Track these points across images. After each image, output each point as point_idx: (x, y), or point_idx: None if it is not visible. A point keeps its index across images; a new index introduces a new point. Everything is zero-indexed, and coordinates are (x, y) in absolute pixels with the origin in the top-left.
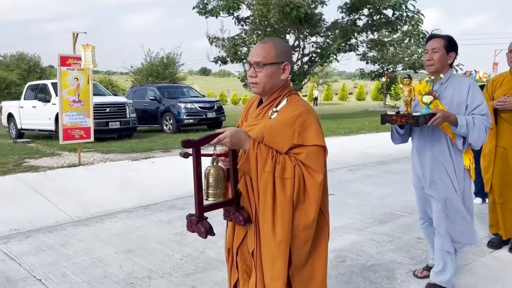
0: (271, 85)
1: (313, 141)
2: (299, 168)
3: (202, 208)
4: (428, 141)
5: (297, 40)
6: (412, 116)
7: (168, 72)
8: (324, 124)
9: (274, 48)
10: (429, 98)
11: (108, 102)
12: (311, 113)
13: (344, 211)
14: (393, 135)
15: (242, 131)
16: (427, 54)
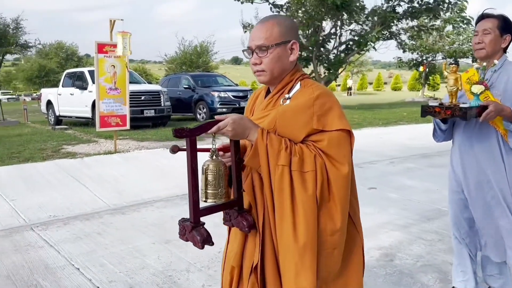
0: (280, 69)
1: (336, 125)
2: (320, 159)
3: (198, 211)
4: (474, 139)
5: (333, 27)
6: (460, 107)
7: (201, 60)
8: (360, 115)
9: (277, 26)
10: (480, 88)
11: (143, 90)
12: (331, 95)
13: (387, 206)
14: (435, 131)
15: (246, 119)
16: (477, 37)
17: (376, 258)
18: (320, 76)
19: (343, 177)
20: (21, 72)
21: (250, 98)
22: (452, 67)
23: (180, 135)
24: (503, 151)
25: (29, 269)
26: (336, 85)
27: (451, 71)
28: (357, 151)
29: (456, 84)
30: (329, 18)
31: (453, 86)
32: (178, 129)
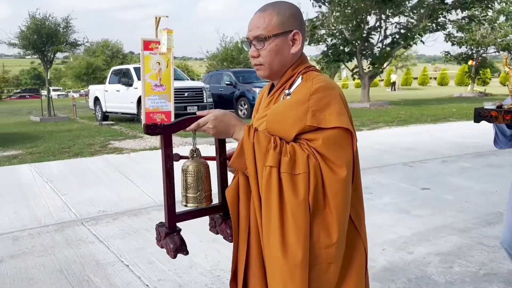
0: (280, 63)
1: (332, 122)
2: (314, 159)
3: (173, 216)
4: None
5: (378, 21)
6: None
7: (242, 56)
8: (407, 111)
9: (276, 14)
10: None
11: (187, 86)
12: (332, 89)
13: (443, 209)
14: (496, 137)
15: (230, 115)
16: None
17: (434, 265)
18: (364, 71)
19: (340, 182)
20: (70, 69)
21: (259, 94)
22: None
23: (152, 132)
24: None
25: (81, 264)
26: (379, 80)
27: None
28: (406, 149)
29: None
30: (374, 11)
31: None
32: (150, 125)
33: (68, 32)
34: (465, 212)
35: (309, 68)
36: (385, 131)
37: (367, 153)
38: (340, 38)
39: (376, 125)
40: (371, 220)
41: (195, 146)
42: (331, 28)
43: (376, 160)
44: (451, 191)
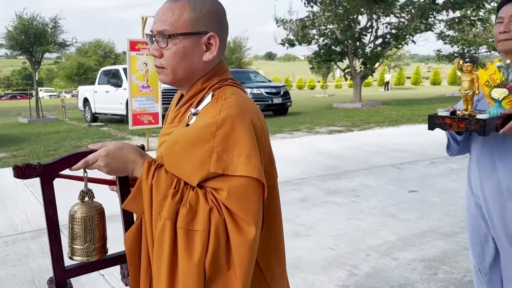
0: (187, 70)
1: (239, 168)
2: (218, 214)
3: (61, 270)
4: (496, 154)
5: (369, 21)
6: (476, 119)
7: (234, 57)
8: (398, 111)
9: (190, 8)
10: (502, 93)
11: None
12: (244, 117)
13: (430, 212)
14: (449, 144)
15: (128, 148)
16: (501, 24)
17: (418, 271)
18: (356, 71)
19: (247, 243)
20: (62, 70)
21: (172, 101)
22: (467, 66)
23: (24, 175)
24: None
25: None
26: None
27: (466, 71)
28: (395, 150)
29: (472, 87)
30: (365, 11)
31: (468, 90)
32: (22, 167)
33: (57, 32)
34: (451, 216)
35: (224, 82)
36: (376, 131)
37: (356, 154)
38: (332, 38)
39: (367, 126)
40: (357, 224)
41: (86, 187)
42: (322, 28)
43: (365, 162)
44: (439, 194)
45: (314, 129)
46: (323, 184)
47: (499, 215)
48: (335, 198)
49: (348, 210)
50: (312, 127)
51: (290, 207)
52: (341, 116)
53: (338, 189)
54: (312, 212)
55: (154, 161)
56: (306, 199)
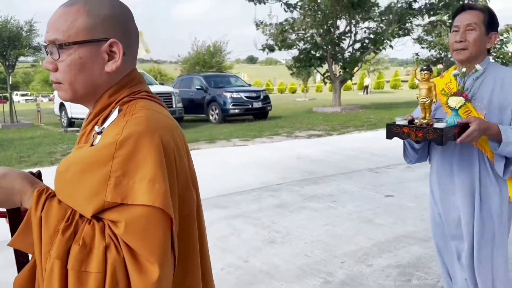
0: (87, 84)
1: (140, 196)
2: (115, 253)
3: None
4: (455, 162)
5: (348, 26)
6: (434, 128)
7: (214, 60)
8: (377, 115)
9: (85, 13)
10: (459, 101)
11: (155, 91)
12: (152, 135)
13: (405, 217)
14: (406, 151)
15: (14, 175)
16: (457, 33)
17: (393, 278)
18: (335, 76)
19: (151, 285)
20: (38, 73)
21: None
22: (424, 74)
23: None
24: (490, 178)
25: None
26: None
27: (423, 79)
28: (373, 155)
29: (430, 95)
30: (344, 16)
31: (426, 98)
32: None
33: (32, 35)
34: (426, 221)
35: (135, 95)
36: (355, 135)
37: (335, 159)
38: (311, 43)
39: (346, 130)
40: (334, 231)
41: None
42: (301, 33)
43: (343, 166)
44: (414, 198)
45: (293, 133)
46: (301, 190)
47: (454, 226)
48: (312, 204)
49: (325, 216)
50: (292, 131)
51: (267, 213)
52: (320, 120)
53: (316, 194)
54: (289, 218)
55: (45, 189)
56: (283, 205)
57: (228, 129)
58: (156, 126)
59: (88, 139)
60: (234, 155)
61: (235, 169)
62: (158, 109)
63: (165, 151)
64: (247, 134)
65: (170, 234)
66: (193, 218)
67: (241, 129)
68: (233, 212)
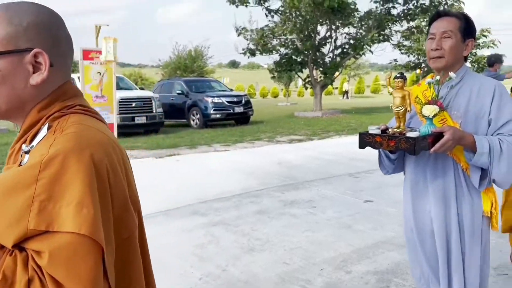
0: (10, 98)
1: (67, 222)
2: (40, 286)
3: None
4: (429, 172)
5: (328, 31)
6: (406, 137)
7: (196, 65)
8: (357, 119)
9: (6, 21)
10: (433, 110)
11: (134, 96)
12: (81, 153)
13: (384, 223)
14: (381, 160)
15: None
16: (433, 41)
17: (371, 285)
18: (316, 81)
19: None
20: None
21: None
22: (398, 82)
23: None
24: (464, 190)
25: None
26: (334, 88)
27: (397, 87)
28: (353, 159)
29: (404, 104)
30: (324, 22)
31: (400, 106)
32: None
33: None
34: None
35: (68, 109)
36: (335, 140)
37: (315, 164)
38: (292, 48)
39: (327, 134)
40: (313, 237)
41: None
42: (282, 38)
43: (323, 172)
44: (394, 203)
45: (275, 138)
46: (281, 195)
47: (427, 239)
48: (292, 210)
49: (304, 222)
50: (273, 136)
51: (247, 220)
52: (302, 125)
53: (296, 200)
54: (269, 225)
55: None
56: (263, 211)
57: (209, 134)
58: (87, 142)
59: (16, 159)
60: (215, 160)
61: (215, 175)
62: (92, 124)
63: (96, 170)
64: (229, 139)
65: (101, 263)
66: (134, 241)
67: (223, 134)
68: (212, 219)
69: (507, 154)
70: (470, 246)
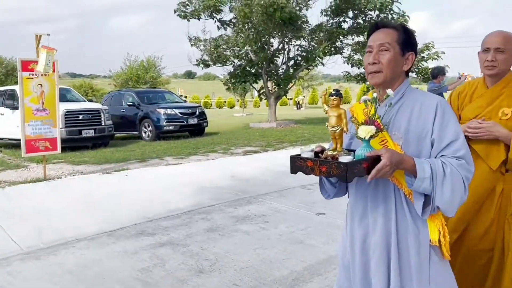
0: None
1: None
2: None
3: None
4: (369, 199)
5: (281, 43)
6: (337, 162)
7: (149, 76)
8: (311, 130)
9: None
10: (369, 130)
11: (82, 108)
12: None
13: (336, 236)
14: (323, 184)
15: None
16: (370, 54)
17: None
18: (270, 92)
19: None
20: None
21: None
22: (332, 99)
23: None
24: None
25: None
26: (288, 99)
27: (332, 105)
28: None
29: (340, 123)
30: (277, 34)
31: (335, 126)
32: None
33: None
34: None
35: None
36: (289, 151)
37: (269, 176)
38: (246, 59)
39: (281, 145)
40: (265, 254)
41: None
42: (236, 49)
43: (277, 184)
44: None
45: (230, 149)
46: (234, 211)
47: (362, 273)
48: (244, 226)
49: (256, 239)
50: (228, 148)
51: (197, 239)
52: (257, 136)
53: (248, 216)
54: (220, 243)
55: None
56: (214, 228)
57: (161, 147)
58: None
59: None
60: (166, 175)
61: (165, 190)
62: None
63: None
64: (182, 152)
65: None
66: None
67: (176, 147)
68: (159, 239)
69: (450, 178)
70: (418, 281)
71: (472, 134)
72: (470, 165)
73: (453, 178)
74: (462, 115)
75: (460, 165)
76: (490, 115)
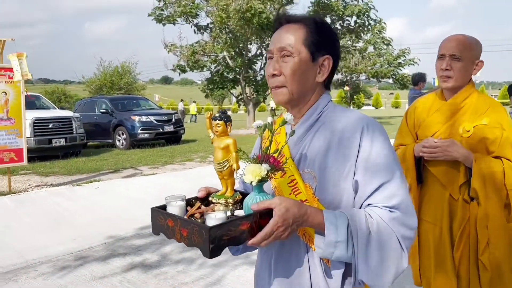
0: None
1: None
2: None
3: None
4: (274, 260)
5: (259, 49)
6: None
7: (123, 82)
8: None
9: None
10: (257, 173)
11: (51, 116)
12: None
13: None
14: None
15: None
16: (272, 62)
17: None
18: (249, 98)
19: None
20: None
21: None
22: (215, 125)
23: None
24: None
25: None
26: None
27: (216, 132)
28: None
29: (228, 158)
30: (255, 39)
31: (222, 162)
32: None
33: None
34: None
35: None
36: None
37: None
38: (223, 65)
39: None
40: (250, 275)
41: None
42: (213, 55)
43: None
44: None
45: (207, 158)
46: None
47: None
48: None
49: (240, 257)
50: (206, 156)
51: (173, 259)
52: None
53: None
54: (197, 263)
55: None
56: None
57: (136, 156)
58: None
59: None
60: (140, 186)
61: (139, 203)
62: None
63: None
64: (158, 161)
65: None
66: None
67: (151, 155)
68: (131, 260)
69: (378, 240)
70: None
71: (427, 154)
72: (409, 217)
73: (381, 239)
74: (419, 133)
75: (394, 219)
76: (449, 132)
